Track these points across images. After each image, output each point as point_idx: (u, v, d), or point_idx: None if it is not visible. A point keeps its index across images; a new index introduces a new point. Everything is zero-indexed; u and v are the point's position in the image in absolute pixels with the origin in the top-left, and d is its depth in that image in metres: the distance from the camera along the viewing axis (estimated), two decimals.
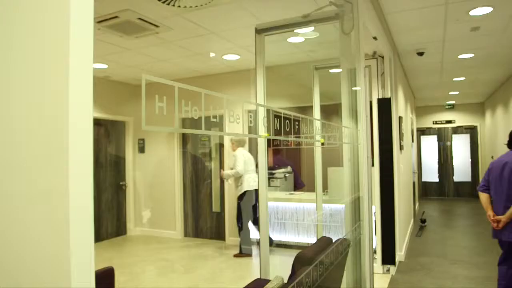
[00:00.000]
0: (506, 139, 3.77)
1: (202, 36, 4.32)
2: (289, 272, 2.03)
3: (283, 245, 5.46)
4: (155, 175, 6.86)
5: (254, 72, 3.01)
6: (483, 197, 3.59)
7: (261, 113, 1.90)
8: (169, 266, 5.24)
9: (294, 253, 2.09)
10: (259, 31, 3.05)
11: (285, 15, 3.13)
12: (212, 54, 5.18)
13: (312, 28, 3.98)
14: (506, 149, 3.77)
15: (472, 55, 5.71)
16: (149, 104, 0.94)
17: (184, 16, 3.69)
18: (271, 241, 4.91)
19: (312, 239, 4.92)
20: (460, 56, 5.78)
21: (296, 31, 4.09)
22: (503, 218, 3.34)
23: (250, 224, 5.45)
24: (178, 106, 0.95)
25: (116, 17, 3.62)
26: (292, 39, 4.46)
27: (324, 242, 2.23)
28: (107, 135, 6.69)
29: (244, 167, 5.30)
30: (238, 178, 5.40)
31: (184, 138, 6.75)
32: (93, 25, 0.75)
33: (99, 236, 6.39)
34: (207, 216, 6.59)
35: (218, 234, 6.44)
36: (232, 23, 3.99)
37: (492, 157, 9.99)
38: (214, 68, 5.93)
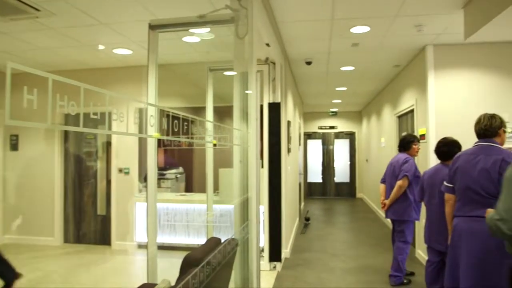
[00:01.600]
0: (381, 143, 4.27)
1: (91, 26, 4.02)
2: (177, 274, 1.99)
3: (173, 247, 5.36)
4: (30, 175, 6.15)
5: (146, 69, 2.89)
6: (381, 187, 4.62)
7: (152, 112, 1.83)
8: (44, 277, 4.73)
9: (184, 255, 2.06)
10: (153, 27, 2.94)
11: (181, 13, 3.09)
12: (101, 47, 4.85)
13: (208, 29, 3.99)
14: (379, 154, 4.25)
15: (352, 68, 6.31)
16: (19, 96, 0.84)
17: (69, 2, 3.39)
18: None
19: (202, 240, 4.92)
20: (342, 68, 6.35)
21: (191, 30, 4.06)
22: (387, 201, 4.39)
23: None
24: (52, 101, 0.87)
25: None
26: (187, 39, 4.41)
27: (212, 243, 2.24)
28: None
29: None
30: None
31: (67, 135, 6.20)
32: None
33: None
34: (91, 219, 6.14)
35: (103, 238, 6.04)
36: (124, 16, 3.79)
37: (366, 160, 11.17)
38: (103, 61, 5.56)
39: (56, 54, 5.10)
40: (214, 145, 2.73)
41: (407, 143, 4.43)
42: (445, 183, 2.98)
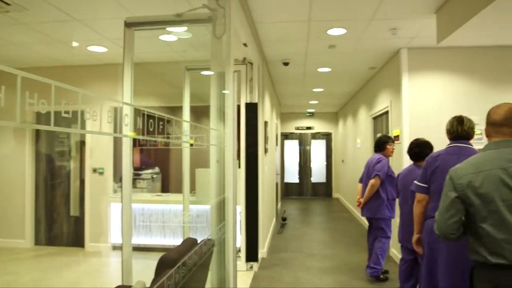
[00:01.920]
0: (357, 144, 4.36)
1: (64, 22, 3.93)
2: (153, 276, 1.96)
3: (149, 248, 5.29)
4: None
5: (121, 67, 2.84)
6: (359, 186, 4.77)
7: (127, 111, 1.80)
8: (14, 281, 4.58)
9: (159, 256, 2.03)
10: (128, 24, 2.89)
11: (158, 11, 3.05)
12: (75, 44, 4.74)
13: (185, 28, 3.96)
14: (355, 155, 4.34)
15: (329, 69, 6.39)
16: None
17: None
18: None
19: (178, 241, 4.87)
20: (319, 69, 6.41)
21: (168, 29, 4.01)
22: (362, 200, 4.55)
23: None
24: (21, 98, 0.84)
25: None
26: (164, 37, 4.36)
27: (189, 243, 2.23)
28: None
29: None
30: None
31: (38, 134, 6.02)
32: None
33: None
34: (63, 221, 5.98)
35: (76, 240, 5.90)
36: (99, 13, 3.71)
37: (342, 160, 11.33)
38: (77, 59, 5.43)
39: (28, 50, 4.95)
40: (191, 145, 2.71)
41: (382, 144, 4.56)
42: (418, 183, 2.89)
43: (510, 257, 1.64)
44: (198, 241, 2.37)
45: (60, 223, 5.99)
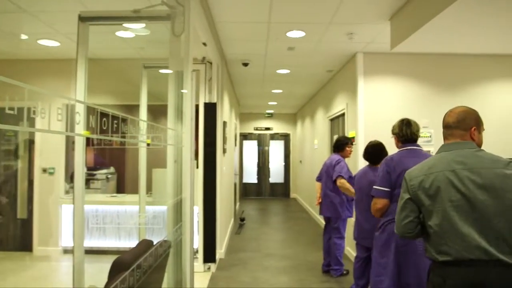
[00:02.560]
0: (315, 145, 4.46)
1: (11, 13, 3.71)
2: (106, 280, 1.90)
3: (103, 251, 5.10)
4: None
5: (75, 63, 2.73)
6: (317, 185, 4.92)
7: (80, 109, 1.73)
8: None
9: (113, 259, 1.97)
10: (83, 18, 2.78)
11: (114, 6, 2.95)
12: (24, 36, 4.49)
13: (143, 25, 3.86)
14: (312, 156, 4.45)
15: (288, 71, 6.47)
16: None
17: None
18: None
19: (134, 243, 4.74)
20: (278, 71, 6.48)
21: (125, 25, 3.90)
22: (319, 199, 4.75)
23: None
24: None
25: None
26: (121, 33, 4.23)
27: (144, 245, 2.17)
28: None
29: None
30: None
31: None
32: None
33: None
34: (9, 223, 5.65)
35: (23, 244, 5.59)
36: (51, 5, 3.55)
37: (300, 161, 11.51)
38: (26, 52, 5.15)
39: None
40: (148, 144, 2.64)
41: (341, 145, 4.70)
42: (379, 187, 2.75)
43: (454, 253, 1.73)
44: (154, 243, 2.32)
45: (6, 226, 5.65)
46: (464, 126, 1.88)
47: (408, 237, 1.96)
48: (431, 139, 4.81)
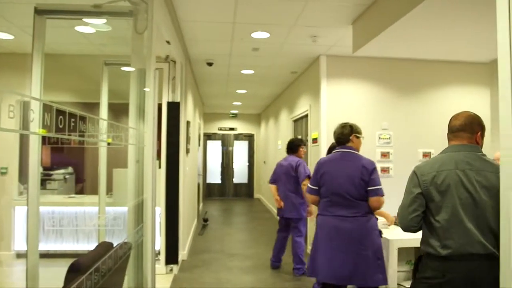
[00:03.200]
0: (278, 146, 4.56)
1: None
2: (62, 285, 1.83)
3: (59, 254, 4.91)
4: None
5: (30, 57, 2.61)
6: (273, 187, 5.11)
7: (34, 106, 1.65)
8: None
9: (71, 262, 1.90)
10: (39, 11, 2.66)
11: (74, 0, 2.85)
12: None
13: (105, 20, 3.75)
14: (276, 156, 4.51)
15: (252, 71, 6.50)
16: None
17: None
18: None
19: (93, 246, 4.60)
20: (243, 71, 6.49)
21: (85, 20, 3.77)
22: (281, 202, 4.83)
23: None
24: None
25: None
26: (80, 28, 4.09)
27: (103, 248, 2.11)
28: None
29: None
30: None
31: None
32: None
33: None
34: None
35: None
36: None
37: (264, 161, 11.57)
38: None
39: None
40: (108, 144, 2.57)
41: (295, 146, 4.82)
42: (310, 185, 3.18)
43: (457, 247, 1.83)
44: (114, 245, 2.26)
45: None
46: (470, 130, 2.01)
47: (412, 231, 2.03)
48: (390, 140, 4.97)
